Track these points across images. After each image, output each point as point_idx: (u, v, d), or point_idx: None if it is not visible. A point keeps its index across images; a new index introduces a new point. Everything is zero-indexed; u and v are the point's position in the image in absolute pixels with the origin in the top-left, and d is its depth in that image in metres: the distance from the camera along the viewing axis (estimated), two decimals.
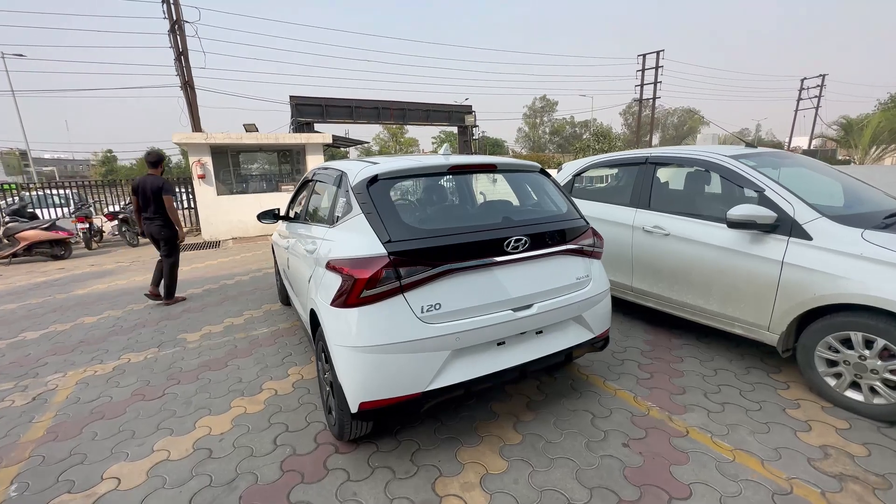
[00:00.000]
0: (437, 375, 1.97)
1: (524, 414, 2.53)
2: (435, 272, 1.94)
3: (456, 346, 1.98)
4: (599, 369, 3.05)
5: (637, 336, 3.59)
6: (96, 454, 2.31)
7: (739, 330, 2.90)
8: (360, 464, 2.15)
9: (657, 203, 3.46)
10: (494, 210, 2.70)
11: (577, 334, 2.40)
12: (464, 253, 2.01)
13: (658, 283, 3.39)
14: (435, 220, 2.29)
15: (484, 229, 2.11)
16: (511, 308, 2.12)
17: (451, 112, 18.16)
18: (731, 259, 2.85)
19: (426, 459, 2.17)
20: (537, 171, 2.66)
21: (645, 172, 3.60)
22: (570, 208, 2.54)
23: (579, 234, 2.41)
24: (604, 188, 4.83)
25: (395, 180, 2.21)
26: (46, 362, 3.54)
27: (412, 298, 1.92)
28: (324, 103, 15.11)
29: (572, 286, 2.35)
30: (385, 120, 16.97)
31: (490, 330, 2.05)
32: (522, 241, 2.12)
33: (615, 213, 3.75)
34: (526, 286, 2.17)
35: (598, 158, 4.19)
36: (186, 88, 14.39)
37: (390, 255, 1.90)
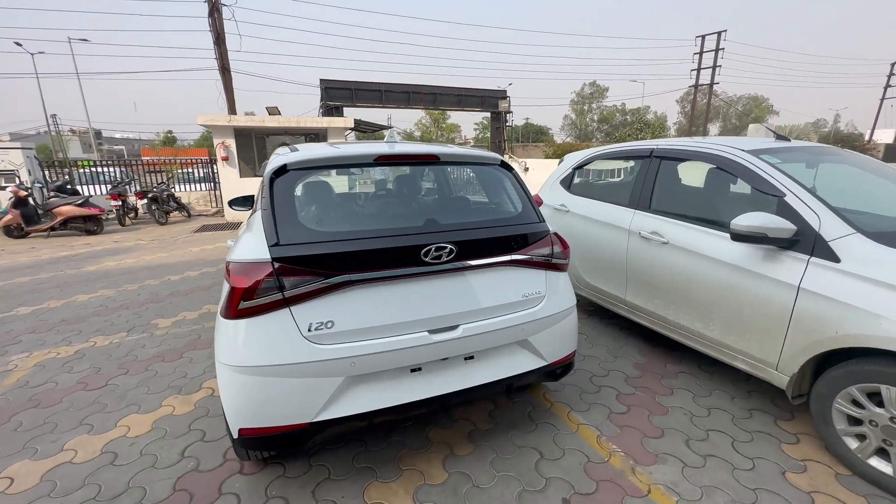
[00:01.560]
0: (330, 404, 1.67)
1: (461, 446, 2.19)
2: (327, 284, 1.63)
3: (351, 372, 1.67)
4: (568, 395, 2.63)
5: (627, 357, 3.11)
6: (8, 447, 2.23)
7: (742, 365, 2.38)
8: (258, 490, 1.92)
9: (659, 205, 2.94)
10: (425, 210, 2.32)
11: (521, 362, 2.01)
12: (367, 262, 1.68)
13: (653, 299, 2.89)
14: (341, 221, 1.97)
15: (397, 234, 1.76)
16: (427, 329, 1.77)
17: (484, 97, 17.51)
18: (736, 278, 2.32)
19: (330, 494, 1.89)
20: (496, 163, 2.24)
21: (648, 168, 3.06)
22: (529, 210, 2.13)
23: (533, 242, 2.01)
24: (605, 185, 4.28)
25: (307, 171, 1.90)
26: (21, 340, 3.60)
27: (299, 314, 1.62)
28: (353, 87, 15.01)
29: (517, 304, 1.96)
30: (415, 104, 16.65)
31: (397, 355, 1.72)
32: (446, 250, 1.75)
33: (611, 213, 3.25)
34: (449, 304, 1.81)
35: (602, 150, 3.66)
36: (223, 72, 14.75)
37: (274, 262, 1.60)
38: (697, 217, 2.66)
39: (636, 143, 3.32)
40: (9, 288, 5.14)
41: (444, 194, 2.59)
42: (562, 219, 3.78)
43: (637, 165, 3.20)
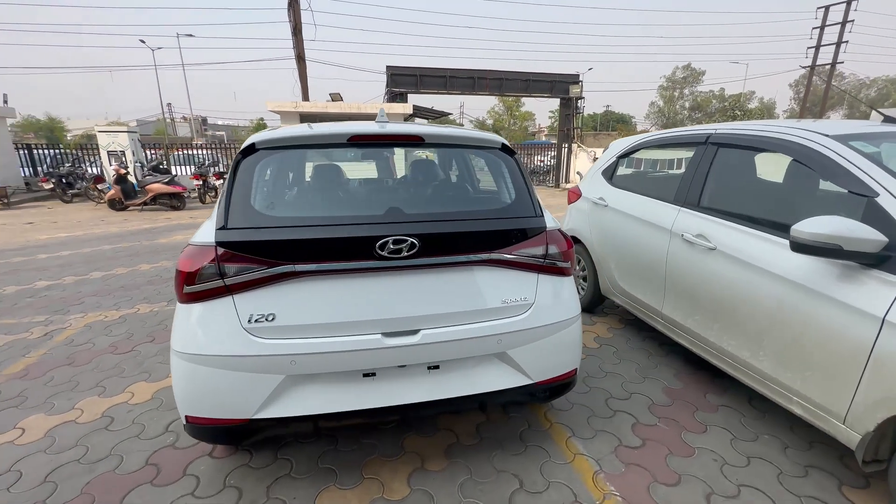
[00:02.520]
0: (270, 403, 1.55)
1: (435, 460, 1.98)
2: (269, 273, 1.50)
3: (292, 371, 1.53)
4: (574, 417, 2.29)
5: (659, 380, 2.65)
6: (33, 400, 2.46)
7: (799, 410, 1.88)
8: (218, 477, 1.88)
9: (710, 201, 2.42)
10: (393, 197, 2.07)
11: (498, 377, 1.74)
12: (314, 252, 1.51)
13: (694, 316, 2.41)
14: (296, 207, 1.81)
15: (351, 223, 1.57)
16: (381, 332, 1.57)
17: (554, 82, 16.54)
18: (797, 299, 1.81)
19: (283, 492, 1.80)
20: (495, 147, 1.95)
21: (703, 157, 2.54)
22: (523, 201, 1.81)
23: (522, 240, 1.70)
24: (651, 177, 3.68)
25: (275, 150, 1.77)
26: (83, 301, 4.03)
27: (241, 304, 1.51)
28: (418, 73, 14.97)
29: (493, 311, 1.68)
30: (480, 90, 16.21)
31: (344, 357, 1.54)
32: (406, 244, 1.53)
33: (652, 210, 2.76)
34: (409, 305, 1.59)
35: (650, 136, 3.13)
36: (299, 61, 15.53)
37: (217, 247, 1.50)
38: (754, 218, 2.13)
39: (691, 128, 2.77)
40: (94, 254, 5.85)
41: (425, 180, 2.33)
42: (599, 214, 3.34)
43: (690, 154, 2.67)
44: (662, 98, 59.10)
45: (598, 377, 2.69)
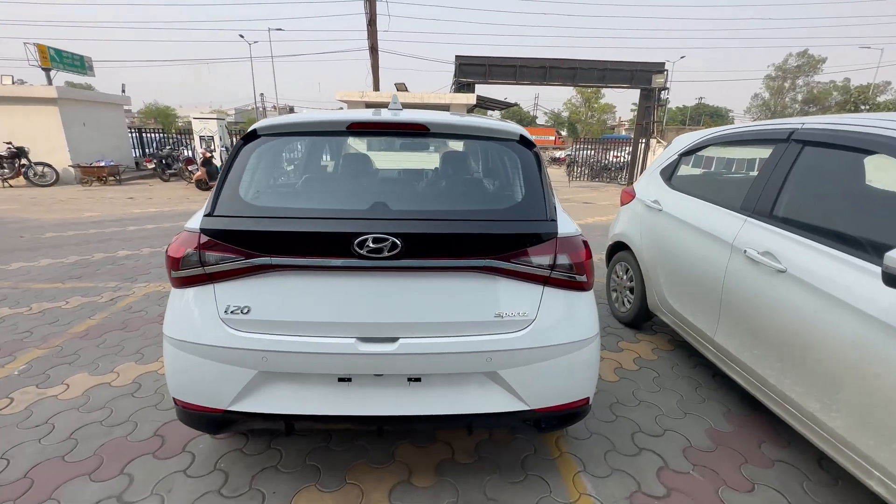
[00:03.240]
0: (244, 397, 1.51)
1: (423, 476, 1.85)
2: (246, 265, 1.44)
3: (264, 367, 1.47)
4: (589, 449, 2.02)
5: (705, 418, 2.26)
6: (84, 359, 2.72)
7: (880, 488, 1.46)
8: (211, 458, 1.92)
9: (787, 211, 1.98)
10: (382, 191, 1.88)
11: (489, 399, 1.54)
12: (291, 246, 1.43)
13: (752, 349, 2.00)
14: (281, 196, 1.72)
15: (330, 217, 1.45)
16: (356, 336, 1.45)
17: (635, 71, 15.27)
18: (890, 345, 1.39)
19: (265, 484, 1.78)
20: (513, 139, 1.72)
21: (783, 156, 2.08)
22: (533, 202, 1.58)
23: (525, 246, 1.48)
24: (716, 179, 3.12)
25: (276, 137, 1.72)
26: (149, 272, 4.45)
27: (220, 293, 1.48)
28: (487, 63, 14.64)
29: (484, 325, 1.48)
30: (552, 81, 15.46)
31: (316, 359, 1.45)
32: (387, 244, 1.39)
33: (711, 218, 2.35)
34: (388, 311, 1.45)
35: (720, 131, 2.65)
36: (372, 51, 15.95)
37: (201, 233, 1.48)
38: (843, 236, 1.68)
39: (771, 122, 2.29)
40: (172, 229, 6.47)
41: (426, 173, 2.15)
42: (652, 219, 2.93)
43: (768, 154, 2.21)
44: (769, 89, 52.42)
45: (628, 405, 2.37)
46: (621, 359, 2.87)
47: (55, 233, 6.07)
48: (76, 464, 1.87)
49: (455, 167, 2.12)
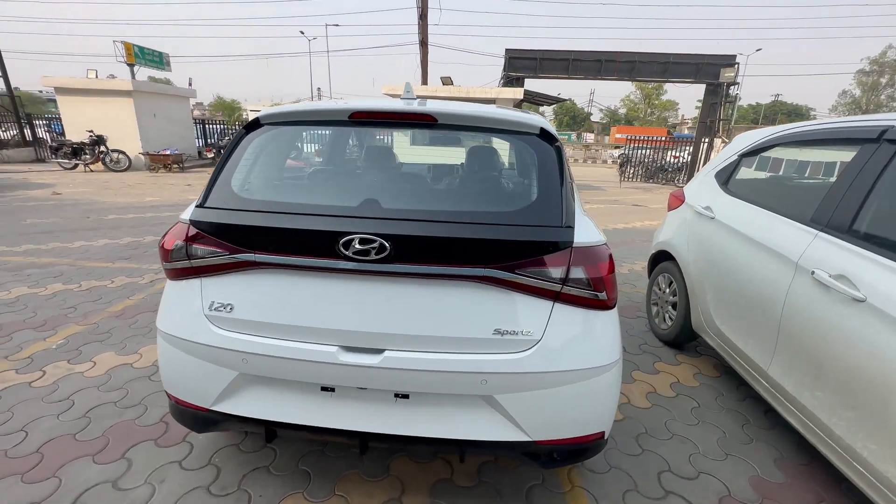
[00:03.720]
0: (225, 397, 1.45)
1: (416, 495, 1.71)
2: (230, 260, 1.36)
3: (244, 369, 1.39)
4: (607, 484, 1.79)
5: (751, 462, 1.95)
6: (114, 339, 2.84)
7: None
8: (207, 451, 1.90)
9: (872, 227, 1.62)
10: (378, 187, 1.70)
11: (485, 425, 1.37)
12: (275, 243, 1.33)
13: (813, 390, 1.67)
14: (272, 189, 1.60)
15: (316, 213, 1.33)
16: (338, 344, 1.33)
17: (701, 64, 14.14)
18: None
19: (253, 486, 1.72)
20: (532, 133, 1.52)
21: (871, 160, 1.71)
22: (548, 205, 1.37)
23: (535, 255, 1.29)
24: (783, 185, 2.67)
25: (278, 126, 1.63)
26: None
27: (206, 288, 1.42)
28: (538, 56, 14.15)
29: (481, 343, 1.31)
30: (608, 74, 14.68)
31: (296, 366, 1.35)
32: (375, 246, 1.25)
33: (774, 230, 2.00)
34: (374, 319, 1.32)
35: (792, 128, 2.27)
36: (421, 45, 15.95)
37: (190, 225, 1.42)
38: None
39: (858, 118, 1.90)
40: None
41: (433, 168, 1.97)
42: (702, 227, 2.59)
43: (851, 157, 1.84)
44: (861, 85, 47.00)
45: (659, 438, 2.09)
46: (656, 382, 2.57)
47: (116, 215, 6.55)
48: (84, 443, 1.91)
49: (467, 163, 1.94)
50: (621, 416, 2.25)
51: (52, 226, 5.75)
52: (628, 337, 3.14)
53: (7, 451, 1.85)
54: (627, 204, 9.94)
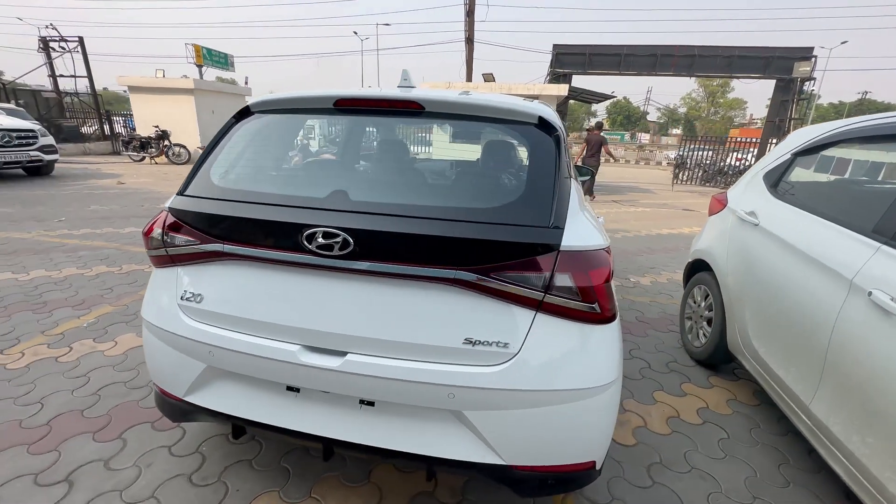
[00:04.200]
0: (195, 389, 1.42)
1: (390, 500, 1.62)
2: (200, 250, 1.33)
3: (210, 361, 1.35)
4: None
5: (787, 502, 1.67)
6: (139, 321, 2.97)
7: None
8: (196, 439, 1.91)
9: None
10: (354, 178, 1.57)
11: (454, 443, 1.24)
12: (241, 233, 1.28)
13: (866, 436, 1.39)
14: (247, 179, 1.52)
15: (279, 204, 1.26)
16: (300, 343, 1.26)
17: (771, 58, 12.92)
18: None
19: (232, 479, 1.71)
20: (530, 122, 1.37)
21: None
22: (538, 202, 1.21)
23: (511, 258, 1.14)
24: (845, 189, 2.25)
25: (267, 114, 1.58)
26: None
27: (181, 278, 1.40)
28: (587, 52, 13.56)
29: (451, 353, 1.18)
30: (663, 70, 13.80)
31: (258, 363, 1.29)
32: (338, 241, 1.16)
33: (824, 241, 1.71)
34: (337, 319, 1.23)
35: (858, 122, 1.92)
36: (467, 42, 15.84)
37: (168, 213, 1.41)
38: None
39: None
40: None
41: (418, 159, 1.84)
42: (744, 235, 2.29)
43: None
44: None
45: (675, 470, 1.85)
46: (681, 406, 2.30)
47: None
48: (88, 420, 1.99)
49: (463, 158, 1.81)
50: (634, 440, 2.03)
51: (110, 212, 6.23)
52: (656, 352, 2.86)
53: (22, 421, 1.97)
54: (677, 208, 9.29)
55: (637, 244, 5.93)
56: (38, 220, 5.62)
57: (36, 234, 4.97)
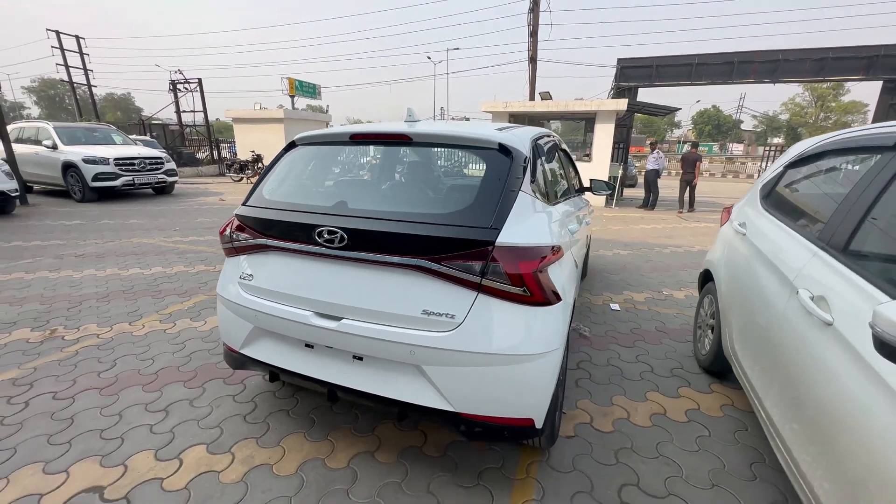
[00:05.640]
0: (248, 343, 1.97)
1: (387, 453, 2.02)
2: (251, 243, 1.89)
3: (258, 323, 1.89)
4: (562, 484, 1.85)
5: (742, 496, 1.79)
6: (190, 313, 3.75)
7: None
8: (252, 392, 2.49)
9: (866, 243, 1.44)
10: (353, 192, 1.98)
11: (417, 392, 1.63)
12: (277, 232, 1.81)
13: (792, 422, 1.53)
14: (284, 193, 2.01)
15: (302, 210, 1.77)
16: (313, 311, 1.74)
17: (875, 57, 11.51)
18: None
19: (274, 421, 2.24)
20: (492, 148, 1.76)
21: (882, 171, 1.51)
22: (480, 209, 1.59)
23: (457, 250, 1.53)
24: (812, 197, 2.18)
25: (306, 146, 2.15)
26: None
27: (242, 262, 1.97)
28: (654, 63, 13.14)
29: (411, 320, 1.58)
30: (742, 77, 12.90)
31: (287, 324, 1.79)
32: (338, 236, 1.63)
33: (780, 247, 1.84)
34: (336, 293, 1.69)
35: (840, 134, 1.99)
36: (531, 62, 16.18)
37: (235, 218, 2.00)
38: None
39: (878, 126, 1.64)
40: None
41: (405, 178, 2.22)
42: (735, 245, 2.40)
43: (869, 166, 1.62)
44: None
45: (642, 455, 2.03)
46: (671, 406, 2.43)
47: None
48: (182, 373, 2.68)
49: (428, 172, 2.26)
50: (611, 428, 2.23)
51: (212, 224, 7.53)
52: (664, 359, 2.96)
53: (140, 370, 2.71)
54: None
55: (684, 259, 5.78)
56: (160, 229, 7.01)
57: (158, 240, 6.24)
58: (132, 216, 8.14)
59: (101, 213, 8.45)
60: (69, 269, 4.76)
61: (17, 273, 4.61)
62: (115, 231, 6.79)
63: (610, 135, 10.64)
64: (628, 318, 3.68)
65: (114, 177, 9.58)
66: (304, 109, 20.48)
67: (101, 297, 3.96)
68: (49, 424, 2.19)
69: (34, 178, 10.30)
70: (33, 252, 5.47)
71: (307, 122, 16.29)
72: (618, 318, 3.70)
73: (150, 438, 2.09)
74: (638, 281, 4.78)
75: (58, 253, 5.44)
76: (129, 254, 5.44)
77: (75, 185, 9.57)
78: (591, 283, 4.62)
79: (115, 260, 5.16)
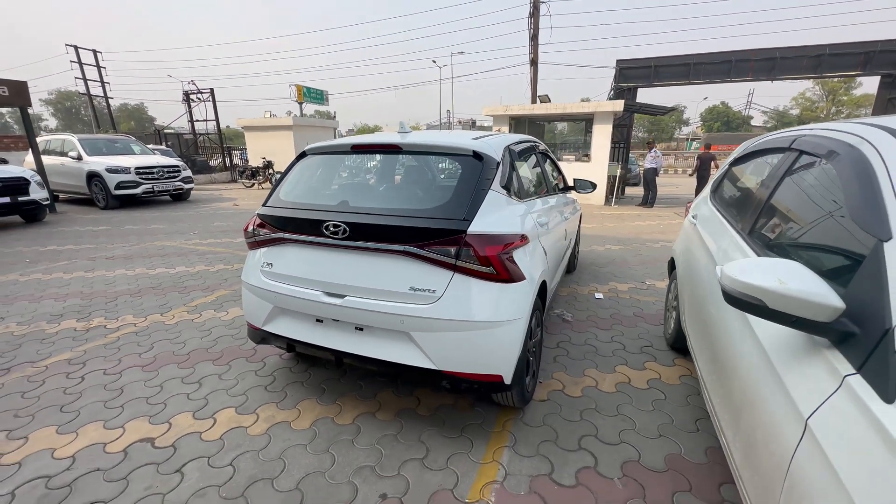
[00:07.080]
0: (269, 321, 2.36)
1: (386, 413, 2.39)
2: (272, 237, 2.28)
3: (276, 303, 2.28)
4: (532, 435, 2.21)
5: (679, 443, 2.13)
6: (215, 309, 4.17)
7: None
8: (271, 368, 2.89)
9: (765, 227, 1.79)
10: (354, 193, 2.37)
11: (406, 354, 2.00)
12: (291, 227, 2.20)
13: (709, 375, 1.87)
14: (297, 194, 2.40)
15: (312, 209, 2.16)
16: (323, 291, 2.12)
17: (871, 53, 11.65)
18: (758, 376, 1.31)
19: (291, 391, 2.63)
20: (467, 154, 2.13)
21: (779, 167, 1.85)
22: (454, 205, 1.96)
23: (436, 238, 1.90)
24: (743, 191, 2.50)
25: (315, 155, 2.54)
26: None
27: (263, 254, 2.37)
28: (653, 64, 13.40)
29: (401, 295, 1.96)
30: (739, 76, 13.11)
31: (300, 303, 2.18)
32: (341, 229, 2.02)
33: (712, 234, 2.18)
34: (341, 275, 2.07)
35: (758, 140, 2.32)
36: (532, 65, 16.52)
37: (257, 216, 2.40)
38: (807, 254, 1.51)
39: (783, 131, 1.98)
40: None
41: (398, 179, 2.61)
42: (689, 234, 2.74)
43: (777, 164, 1.96)
44: None
45: (604, 414, 2.38)
46: (636, 377, 2.77)
47: None
48: (210, 353, 3.09)
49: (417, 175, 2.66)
50: (580, 394, 2.57)
51: (228, 227, 8.01)
52: (637, 339, 3.29)
53: (174, 351, 3.13)
54: None
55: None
56: (180, 233, 7.49)
57: (179, 242, 6.72)
58: (153, 221, 8.67)
59: (125, 219, 9.00)
60: (102, 270, 5.23)
61: (56, 273, 5.10)
62: (139, 235, 7.30)
63: (608, 135, 10.93)
64: (610, 306, 4.02)
65: (135, 185, 10.15)
66: (313, 115, 21.08)
67: (133, 292, 4.41)
68: (103, 393, 2.60)
69: (60, 188, 10.93)
70: (68, 255, 5.97)
71: (315, 129, 16.82)
72: (600, 305, 4.03)
73: (187, 403, 2.50)
74: (624, 273, 5.10)
75: (90, 255, 5.94)
76: (154, 255, 5.91)
77: (99, 193, 10.16)
78: (580, 275, 4.96)
79: (142, 261, 5.63)
